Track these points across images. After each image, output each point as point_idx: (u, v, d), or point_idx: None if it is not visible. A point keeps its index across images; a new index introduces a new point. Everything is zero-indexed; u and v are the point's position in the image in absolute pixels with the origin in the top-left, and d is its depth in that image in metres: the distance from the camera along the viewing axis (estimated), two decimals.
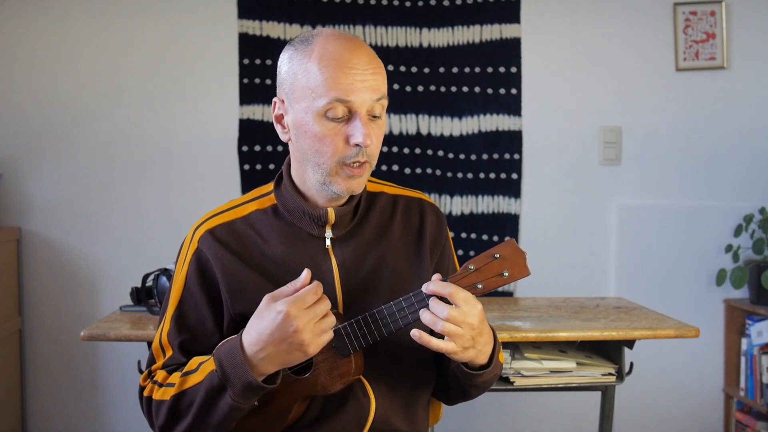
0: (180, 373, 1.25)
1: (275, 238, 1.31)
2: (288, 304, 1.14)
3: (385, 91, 1.25)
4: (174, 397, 1.23)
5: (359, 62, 1.22)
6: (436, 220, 1.41)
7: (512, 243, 1.19)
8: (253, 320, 1.19)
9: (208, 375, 1.20)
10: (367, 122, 1.23)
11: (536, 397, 3.05)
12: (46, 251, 3.05)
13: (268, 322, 1.16)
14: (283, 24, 3.07)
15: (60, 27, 3.04)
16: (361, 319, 1.22)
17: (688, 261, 3.11)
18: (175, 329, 1.30)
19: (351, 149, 1.23)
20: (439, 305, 1.16)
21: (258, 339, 1.16)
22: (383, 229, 1.36)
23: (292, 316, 1.14)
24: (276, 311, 1.15)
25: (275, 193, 1.35)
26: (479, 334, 1.20)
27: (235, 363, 1.17)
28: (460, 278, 1.19)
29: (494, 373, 1.31)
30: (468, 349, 1.20)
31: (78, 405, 3.08)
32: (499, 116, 3.11)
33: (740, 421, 3.03)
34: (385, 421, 1.29)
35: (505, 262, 1.19)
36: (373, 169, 1.30)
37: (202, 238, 1.31)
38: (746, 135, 3.14)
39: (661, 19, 3.12)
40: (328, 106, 1.21)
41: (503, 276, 1.19)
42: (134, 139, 3.06)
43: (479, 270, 1.19)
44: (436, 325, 1.16)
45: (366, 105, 1.22)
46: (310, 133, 1.25)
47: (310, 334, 1.15)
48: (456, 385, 1.34)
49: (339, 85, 1.20)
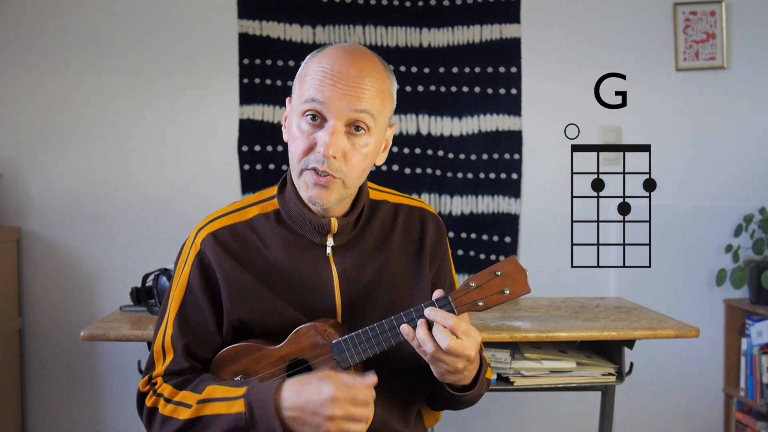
0: (193, 394, 1.23)
1: (277, 244, 1.31)
2: (339, 390, 1.13)
3: (370, 108, 1.22)
4: (188, 422, 1.22)
5: (348, 73, 1.21)
6: (437, 231, 1.41)
7: (514, 260, 1.20)
8: (301, 383, 1.17)
9: (234, 414, 1.18)
10: (338, 134, 1.21)
11: (536, 397, 3.05)
12: (46, 251, 3.05)
13: (312, 393, 1.15)
14: (283, 24, 3.07)
15: (60, 27, 3.03)
16: (362, 333, 1.22)
17: (688, 261, 3.11)
18: (178, 332, 1.29)
19: (315, 154, 1.22)
20: (441, 333, 1.16)
21: (297, 400, 1.15)
22: (384, 239, 1.35)
23: (335, 402, 1.13)
24: (326, 390, 1.14)
25: (278, 199, 1.34)
26: (470, 363, 1.22)
27: (267, 415, 1.16)
28: (462, 295, 1.20)
29: (478, 393, 1.33)
30: (453, 374, 1.22)
31: (78, 405, 3.08)
32: (499, 116, 3.10)
33: (740, 421, 3.03)
34: (384, 422, 1.29)
35: (506, 280, 1.20)
36: (351, 189, 1.27)
37: (205, 241, 1.30)
38: (746, 135, 3.14)
39: (661, 19, 3.11)
40: (306, 107, 1.22)
41: (504, 294, 1.20)
42: (134, 139, 3.07)
43: (480, 287, 1.20)
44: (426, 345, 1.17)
45: (342, 115, 1.21)
46: (290, 132, 1.27)
47: (337, 427, 1.14)
48: (441, 399, 1.36)
49: (319, 87, 1.21)
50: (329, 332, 1.24)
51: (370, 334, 1.22)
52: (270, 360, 1.26)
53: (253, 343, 1.28)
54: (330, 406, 1.13)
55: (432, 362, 1.21)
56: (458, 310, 1.20)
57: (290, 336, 1.25)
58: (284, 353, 1.25)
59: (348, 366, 1.23)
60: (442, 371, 1.22)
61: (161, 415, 1.25)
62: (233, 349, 1.29)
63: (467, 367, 1.21)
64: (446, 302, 1.20)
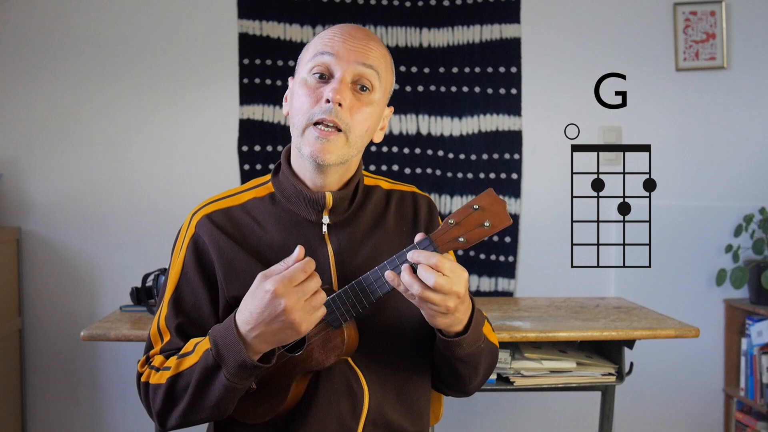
0: (176, 356, 1.24)
1: (272, 224, 1.31)
2: (276, 283, 1.11)
3: (377, 65, 1.26)
4: (170, 380, 1.21)
5: (356, 34, 1.27)
6: (429, 210, 1.42)
7: (491, 193, 1.18)
8: (246, 299, 1.16)
9: (203, 355, 1.18)
10: (345, 84, 1.24)
11: (536, 397, 3.05)
12: (46, 251, 3.05)
13: (258, 300, 1.13)
14: (283, 24, 3.07)
15: (60, 27, 3.03)
16: (349, 288, 1.21)
17: (688, 261, 3.11)
18: (172, 312, 1.29)
19: (320, 106, 1.23)
20: (427, 272, 1.13)
21: (249, 318, 1.14)
22: (378, 220, 1.37)
23: (280, 295, 1.11)
24: (264, 290, 1.12)
25: (273, 182, 1.37)
26: (462, 302, 1.18)
27: (230, 342, 1.15)
28: (442, 233, 1.17)
29: (476, 344, 1.28)
30: (445, 315, 1.18)
31: (78, 405, 3.08)
32: (499, 116, 3.11)
33: (740, 421, 3.03)
34: (379, 411, 1.28)
35: (485, 213, 1.18)
36: (353, 148, 1.27)
37: (200, 223, 1.32)
38: (746, 135, 3.14)
39: (661, 19, 3.12)
40: (313, 62, 1.26)
41: (485, 227, 1.18)
42: (134, 139, 3.07)
43: (460, 224, 1.17)
44: (412, 287, 1.13)
45: (350, 69, 1.24)
46: (295, 95, 1.28)
47: (300, 312, 1.12)
48: (443, 363, 1.32)
49: (328, 42, 1.26)
50: None
51: (357, 288, 1.20)
52: None
53: None
54: (279, 300, 1.11)
55: (421, 305, 1.17)
56: (440, 249, 1.17)
57: None
58: None
59: (339, 325, 1.21)
60: (433, 313, 1.18)
61: (152, 386, 1.25)
62: None
63: (458, 307, 1.18)
64: (428, 243, 1.17)
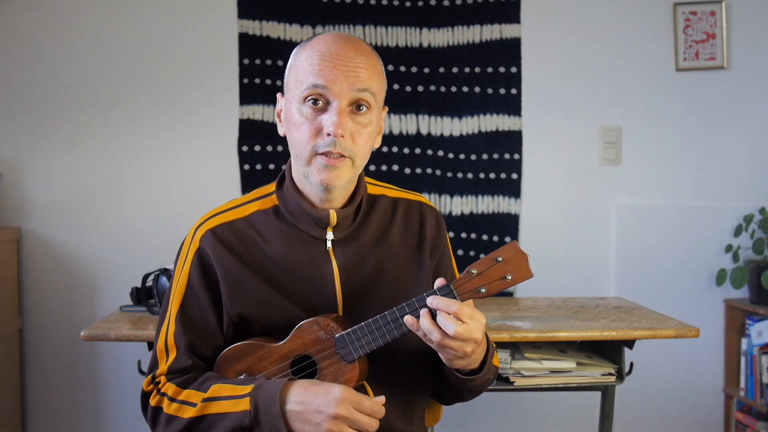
0: (198, 393, 1.24)
1: (276, 239, 1.31)
2: (347, 392, 1.16)
3: (370, 86, 1.25)
4: (193, 420, 1.22)
5: (345, 54, 1.24)
6: (436, 223, 1.41)
7: (515, 246, 1.19)
8: (308, 382, 1.19)
9: (239, 412, 1.18)
10: (344, 114, 1.23)
11: (536, 397, 3.05)
12: (46, 251, 3.05)
13: (321, 389, 1.17)
14: (283, 24, 3.07)
15: (60, 27, 3.03)
16: (365, 325, 1.21)
17: (687, 261, 3.11)
18: (180, 329, 1.29)
19: (323, 138, 1.23)
20: (447, 320, 1.15)
21: (302, 397, 1.17)
22: (383, 232, 1.35)
23: (342, 403, 1.15)
24: (336, 388, 1.16)
25: (277, 194, 1.35)
26: (478, 345, 1.20)
27: (272, 413, 1.17)
28: (463, 282, 1.18)
29: (487, 377, 1.31)
30: (461, 359, 1.21)
31: (78, 405, 3.08)
32: (499, 116, 3.10)
33: (740, 421, 3.03)
34: (385, 421, 1.29)
35: (507, 266, 1.18)
36: (358, 170, 1.29)
37: (204, 237, 1.31)
38: (746, 135, 3.14)
39: (661, 19, 3.11)
40: (307, 92, 1.24)
41: (506, 279, 1.18)
42: (134, 139, 3.06)
43: (482, 274, 1.18)
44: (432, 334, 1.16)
45: (345, 95, 1.23)
46: (292, 121, 1.27)
47: (338, 428, 1.15)
48: (449, 388, 1.35)
49: (319, 71, 1.23)
50: (332, 327, 1.23)
51: (373, 327, 1.21)
52: (274, 357, 1.26)
53: (256, 341, 1.27)
54: (336, 405, 1.14)
55: (439, 349, 1.20)
56: (461, 297, 1.18)
57: (293, 332, 1.25)
58: (287, 350, 1.25)
59: (352, 360, 1.22)
60: (450, 357, 1.20)
61: (166, 414, 1.25)
62: (236, 348, 1.28)
63: (475, 351, 1.20)
64: (448, 290, 1.19)
